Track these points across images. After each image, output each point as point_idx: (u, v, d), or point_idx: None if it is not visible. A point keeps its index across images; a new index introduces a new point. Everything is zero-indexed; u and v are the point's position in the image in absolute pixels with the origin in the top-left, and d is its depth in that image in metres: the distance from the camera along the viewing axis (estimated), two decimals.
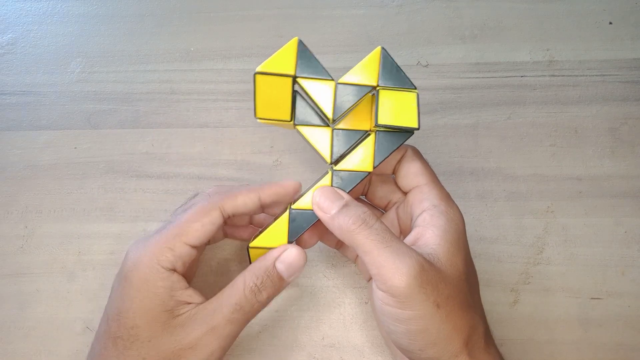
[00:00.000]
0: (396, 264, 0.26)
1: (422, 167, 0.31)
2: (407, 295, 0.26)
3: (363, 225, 0.27)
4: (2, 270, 0.39)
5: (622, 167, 0.41)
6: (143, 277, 0.28)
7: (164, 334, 0.28)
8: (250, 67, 0.45)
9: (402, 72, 0.29)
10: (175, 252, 0.29)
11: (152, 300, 0.28)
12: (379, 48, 0.29)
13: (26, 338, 0.37)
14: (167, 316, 0.28)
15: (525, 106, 0.43)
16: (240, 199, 0.30)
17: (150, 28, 0.47)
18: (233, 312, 0.28)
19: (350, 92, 0.29)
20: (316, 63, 0.28)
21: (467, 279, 0.28)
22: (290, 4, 0.47)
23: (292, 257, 0.30)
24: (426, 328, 0.26)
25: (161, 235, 0.29)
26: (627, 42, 0.44)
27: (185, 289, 0.29)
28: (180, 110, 0.44)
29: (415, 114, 0.29)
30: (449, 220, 0.29)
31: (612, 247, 0.38)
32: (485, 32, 0.45)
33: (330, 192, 0.29)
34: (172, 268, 0.29)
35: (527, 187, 0.40)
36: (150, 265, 0.28)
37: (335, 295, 0.38)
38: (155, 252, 0.29)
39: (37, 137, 0.43)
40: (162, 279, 0.28)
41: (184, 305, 0.29)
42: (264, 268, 0.29)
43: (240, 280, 0.29)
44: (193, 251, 0.30)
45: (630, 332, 0.36)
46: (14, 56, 0.46)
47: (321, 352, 0.36)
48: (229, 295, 0.29)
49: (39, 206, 0.41)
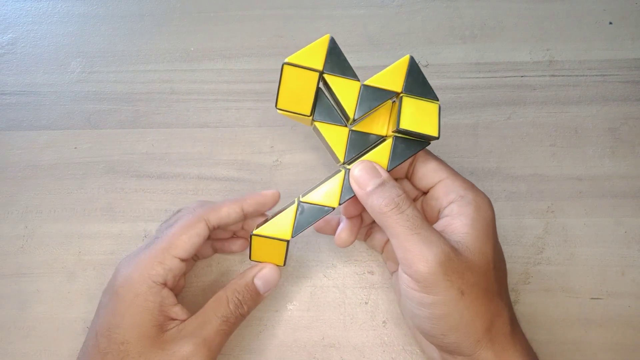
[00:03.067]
0: (422, 250, 0.27)
1: (438, 163, 0.31)
2: (431, 281, 0.26)
3: (395, 210, 0.28)
4: (3, 270, 0.39)
5: (622, 167, 0.41)
6: (134, 292, 0.29)
7: (154, 348, 0.29)
8: (251, 67, 0.45)
9: (428, 83, 0.29)
10: (165, 266, 0.30)
11: (143, 316, 0.29)
12: (408, 56, 0.29)
13: (26, 338, 0.37)
14: (156, 331, 0.29)
15: (525, 106, 0.43)
16: (224, 210, 0.32)
17: (150, 28, 0.47)
18: (221, 324, 0.30)
19: (374, 95, 0.29)
20: (345, 62, 0.29)
21: (495, 267, 0.29)
22: (290, 4, 0.47)
23: (269, 274, 0.32)
24: (449, 313, 0.27)
25: (150, 250, 0.31)
26: (627, 42, 0.44)
27: (174, 305, 0.31)
28: (180, 110, 0.44)
29: (437, 124, 0.29)
30: (477, 208, 0.29)
31: (612, 247, 0.38)
32: (485, 32, 0.45)
33: (369, 167, 0.29)
34: (163, 282, 0.30)
35: (527, 187, 0.40)
36: (142, 280, 0.30)
37: (335, 295, 0.38)
38: (146, 267, 0.30)
39: (37, 137, 0.43)
40: (153, 294, 0.29)
41: (171, 321, 0.30)
42: (244, 284, 0.32)
43: (224, 296, 0.31)
44: (182, 265, 0.31)
45: (630, 332, 0.36)
46: (14, 56, 0.46)
47: (321, 352, 0.36)
48: (214, 309, 0.31)
49: (39, 206, 0.41)
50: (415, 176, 0.32)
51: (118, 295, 0.30)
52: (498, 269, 0.29)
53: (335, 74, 0.29)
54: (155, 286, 0.30)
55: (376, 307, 0.37)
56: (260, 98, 0.44)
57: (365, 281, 0.38)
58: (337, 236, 0.33)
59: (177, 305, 0.31)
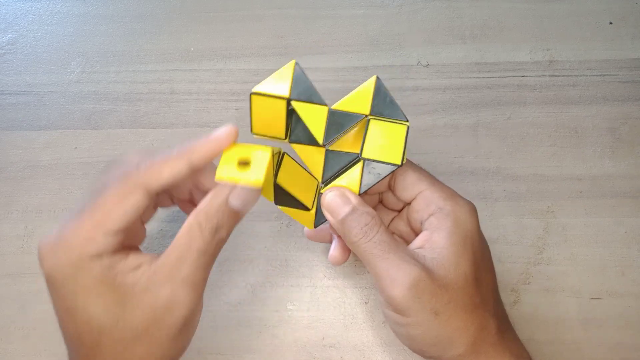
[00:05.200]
0: (392, 275, 0.27)
1: (418, 174, 0.31)
2: (403, 305, 0.27)
3: (364, 238, 0.28)
4: (2, 270, 0.39)
5: (622, 167, 0.41)
6: (71, 280, 0.25)
7: (126, 313, 0.25)
8: (251, 67, 0.45)
9: (396, 104, 0.29)
10: (98, 243, 0.25)
11: (97, 296, 0.25)
12: (374, 77, 0.29)
13: (26, 338, 0.37)
14: (121, 295, 0.25)
15: (525, 106, 0.43)
16: (166, 171, 0.26)
17: (150, 28, 0.47)
18: (199, 257, 0.26)
19: (342, 119, 0.29)
20: (311, 88, 0.28)
21: (476, 279, 0.28)
22: (290, 4, 0.47)
23: (246, 193, 0.27)
24: (425, 332, 0.27)
25: (78, 227, 0.25)
26: (627, 42, 0.44)
27: (126, 257, 0.25)
28: (180, 110, 0.44)
29: (401, 149, 0.29)
30: (455, 221, 0.29)
31: (612, 247, 0.38)
32: (485, 32, 0.45)
33: (339, 194, 0.29)
34: (98, 254, 0.25)
35: (527, 187, 0.40)
36: (75, 263, 0.25)
37: (335, 295, 0.38)
38: (75, 247, 0.25)
39: (37, 137, 0.43)
40: (93, 273, 0.25)
41: (133, 271, 0.25)
42: (217, 206, 0.26)
43: (195, 224, 0.26)
44: (120, 234, 0.26)
45: (630, 332, 0.36)
46: (14, 56, 0.46)
47: (321, 352, 0.36)
48: (188, 242, 0.26)
49: (39, 206, 0.41)
50: (397, 188, 0.32)
51: (56, 291, 0.26)
52: (480, 280, 0.29)
53: (302, 100, 0.28)
54: (91, 262, 0.25)
55: (376, 307, 0.37)
56: None
57: (365, 281, 0.38)
58: (330, 255, 0.33)
59: (129, 254, 0.26)
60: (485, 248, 0.31)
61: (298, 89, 0.28)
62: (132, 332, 0.25)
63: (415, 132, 0.42)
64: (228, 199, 0.26)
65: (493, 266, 0.31)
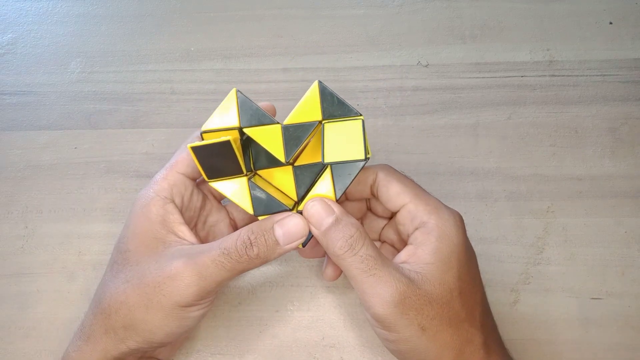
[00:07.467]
0: (378, 292, 0.27)
1: (401, 185, 0.30)
2: (390, 321, 0.27)
3: (349, 252, 0.27)
4: (3, 270, 0.39)
5: (622, 167, 0.41)
6: (141, 204, 0.30)
7: (151, 260, 0.29)
8: (251, 67, 0.45)
9: (344, 102, 0.28)
10: (169, 181, 0.31)
11: (144, 225, 0.30)
12: (316, 82, 0.28)
13: (26, 338, 0.37)
14: (156, 244, 0.29)
15: (525, 106, 0.43)
16: None
17: (150, 28, 0.47)
18: (220, 254, 0.28)
19: (297, 132, 0.28)
20: (258, 110, 0.28)
21: (462, 293, 0.28)
22: (290, 4, 0.47)
23: (292, 224, 0.28)
24: (414, 348, 0.27)
25: (160, 172, 0.32)
26: (627, 42, 0.44)
27: (180, 224, 0.30)
28: (180, 110, 0.44)
29: (362, 144, 0.28)
30: (440, 236, 0.28)
31: (612, 247, 0.38)
32: (485, 32, 0.45)
33: (321, 205, 0.28)
34: (167, 197, 0.30)
35: (527, 187, 0.40)
36: (148, 195, 0.31)
37: (335, 295, 0.38)
38: (154, 183, 0.31)
39: (37, 137, 0.43)
40: (156, 206, 0.30)
41: (175, 239, 0.30)
42: (262, 226, 0.28)
43: (236, 232, 0.29)
44: (187, 181, 0.31)
45: (630, 332, 0.36)
46: (14, 56, 0.46)
47: (321, 352, 0.36)
48: (221, 241, 0.28)
49: (39, 206, 0.41)
50: (380, 198, 0.31)
51: (131, 212, 0.31)
52: (465, 294, 0.28)
53: (254, 125, 0.28)
54: (159, 199, 0.30)
55: None
56: (260, 98, 0.43)
57: None
58: (324, 272, 0.33)
59: (183, 224, 0.30)
60: (471, 260, 0.30)
61: (246, 116, 0.28)
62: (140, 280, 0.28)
63: (415, 132, 0.42)
64: (274, 225, 0.28)
65: (480, 277, 0.31)
